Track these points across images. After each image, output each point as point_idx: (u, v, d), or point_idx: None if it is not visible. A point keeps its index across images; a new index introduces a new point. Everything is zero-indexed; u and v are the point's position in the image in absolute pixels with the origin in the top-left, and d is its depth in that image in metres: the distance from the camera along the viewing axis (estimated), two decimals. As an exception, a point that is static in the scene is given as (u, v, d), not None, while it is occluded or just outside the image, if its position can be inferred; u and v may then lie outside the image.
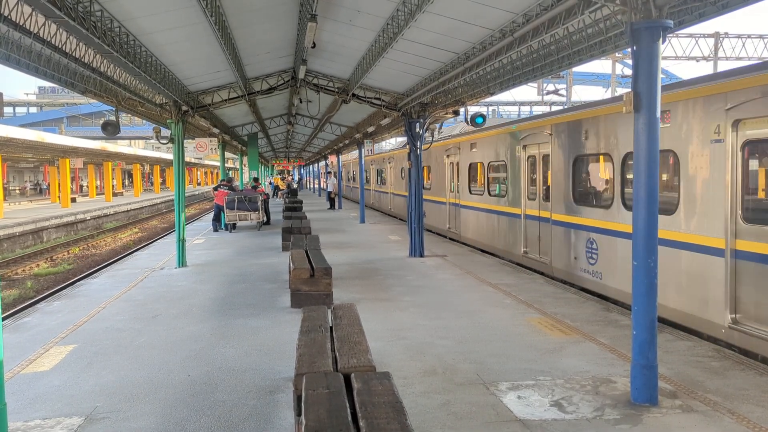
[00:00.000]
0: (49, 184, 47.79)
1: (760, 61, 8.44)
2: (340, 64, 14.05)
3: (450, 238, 19.04)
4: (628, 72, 38.68)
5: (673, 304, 8.26)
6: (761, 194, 7.22)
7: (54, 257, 21.75)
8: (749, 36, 30.72)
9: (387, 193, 30.38)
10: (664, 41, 5.53)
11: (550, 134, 11.95)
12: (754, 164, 7.23)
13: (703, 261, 7.66)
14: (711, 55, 30.37)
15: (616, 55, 32.91)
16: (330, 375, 4.39)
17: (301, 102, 18.86)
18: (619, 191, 9.67)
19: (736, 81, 7.14)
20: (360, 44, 11.82)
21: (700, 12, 6.70)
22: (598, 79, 51.47)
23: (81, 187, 67.65)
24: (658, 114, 5.48)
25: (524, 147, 13.28)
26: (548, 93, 37.58)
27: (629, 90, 5.63)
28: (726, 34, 30.58)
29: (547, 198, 12.31)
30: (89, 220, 32.07)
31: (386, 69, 12.68)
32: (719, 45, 30.22)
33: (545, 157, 12.35)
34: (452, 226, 18.96)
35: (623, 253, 9.42)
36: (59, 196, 38.37)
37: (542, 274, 12.35)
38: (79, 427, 5.33)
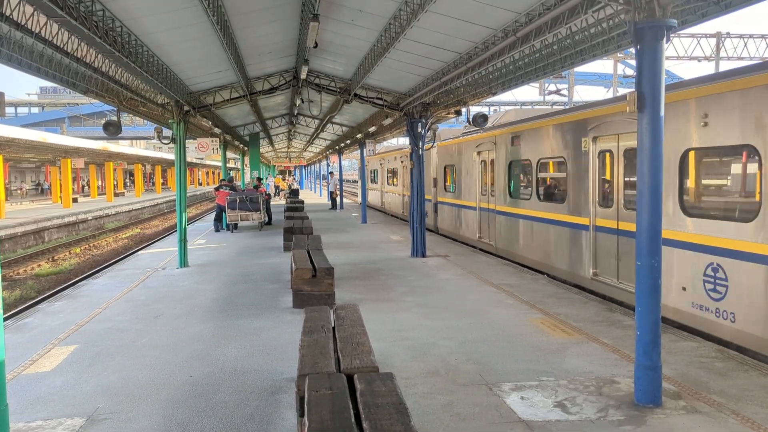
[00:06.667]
0: (50, 184, 47.81)
1: None
2: (342, 63, 14.04)
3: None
4: (630, 72, 38.67)
5: None
6: None
7: (55, 257, 21.75)
8: (751, 36, 30.68)
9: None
10: (668, 41, 5.52)
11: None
12: None
13: None
14: (713, 55, 30.34)
15: (618, 55, 32.92)
16: (333, 376, 4.37)
17: (302, 102, 18.86)
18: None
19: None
20: (362, 44, 11.81)
21: (704, 12, 6.68)
22: (600, 79, 51.43)
23: (83, 187, 67.68)
24: (662, 113, 5.46)
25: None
26: (550, 93, 37.57)
27: (632, 90, 5.62)
28: (728, 34, 30.55)
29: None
30: (91, 220, 32.08)
31: (388, 69, 12.66)
32: (721, 45, 30.18)
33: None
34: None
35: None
36: (61, 196, 38.37)
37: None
38: (80, 427, 5.31)
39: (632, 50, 5.93)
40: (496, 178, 15.05)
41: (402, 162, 25.49)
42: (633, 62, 37.82)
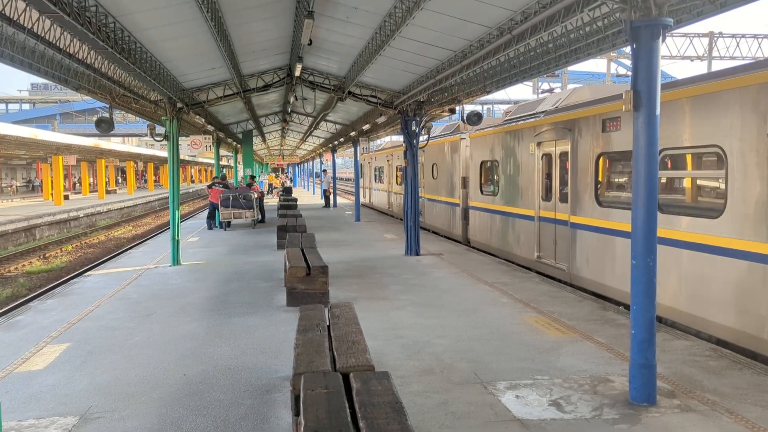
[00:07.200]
0: (42, 182, 47.51)
1: None
2: (337, 61, 14.00)
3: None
4: (623, 71, 38.76)
5: None
6: None
7: (47, 255, 21.62)
8: (743, 36, 30.83)
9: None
10: (663, 40, 5.51)
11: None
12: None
13: None
14: (705, 55, 30.47)
15: (612, 54, 32.99)
16: (329, 375, 4.35)
17: (296, 99, 18.80)
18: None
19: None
20: (356, 41, 11.78)
21: (699, 11, 6.69)
22: (593, 78, 51.57)
23: (74, 184, 67.29)
24: (658, 112, 5.46)
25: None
26: (543, 92, 37.60)
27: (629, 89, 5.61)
28: (720, 33, 30.71)
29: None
30: (82, 217, 31.91)
31: (383, 67, 12.64)
32: (713, 44, 30.32)
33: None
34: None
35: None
36: (52, 194, 38.15)
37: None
38: (73, 426, 5.27)
39: (625, 49, 5.92)
40: (574, 177, 10.90)
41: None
42: (626, 61, 37.93)
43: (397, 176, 25.68)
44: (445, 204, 19.21)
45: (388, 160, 27.85)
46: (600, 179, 10.25)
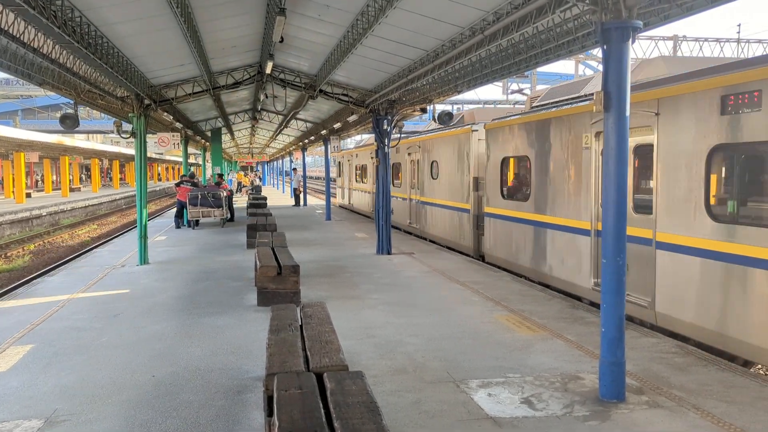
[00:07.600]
0: (2, 179, 46.30)
1: None
2: (308, 59, 13.92)
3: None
4: (590, 72, 39.36)
5: None
6: None
7: (8, 254, 21.06)
8: (706, 39, 31.55)
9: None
10: (633, 42, 5.60)
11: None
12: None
13: None
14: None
15: (579, 56, 33.49)
16: (302, 375, 4.32)
17: (266, 97, 18.65)
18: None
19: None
20: (328, 39, 11.72)
21: (666, 14, 6.81)
22: (562, 79, 52.23)
23: (36, 182, 65.67)
24: (628, 113, 5.54)
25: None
26: (513, 92, 37.98)
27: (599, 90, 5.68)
28: (684, 37, 31.37)
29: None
30: (45, 216, 31.17)
31: (355, 65, 12.60)
32: (678, 47, 30.97)
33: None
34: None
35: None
36: (13, 191, 37.20)
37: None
38: (38, 430, 5.13)
39: (593, 51, 6.01)
40: (665, 180, 7.88)
41: (410, 155, 19.92)
42: (593, 63, 38.54)
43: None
44: (449, 209, 16.25)
45: (372, 157, 24.05)
46: (715, 183, 7.33)
